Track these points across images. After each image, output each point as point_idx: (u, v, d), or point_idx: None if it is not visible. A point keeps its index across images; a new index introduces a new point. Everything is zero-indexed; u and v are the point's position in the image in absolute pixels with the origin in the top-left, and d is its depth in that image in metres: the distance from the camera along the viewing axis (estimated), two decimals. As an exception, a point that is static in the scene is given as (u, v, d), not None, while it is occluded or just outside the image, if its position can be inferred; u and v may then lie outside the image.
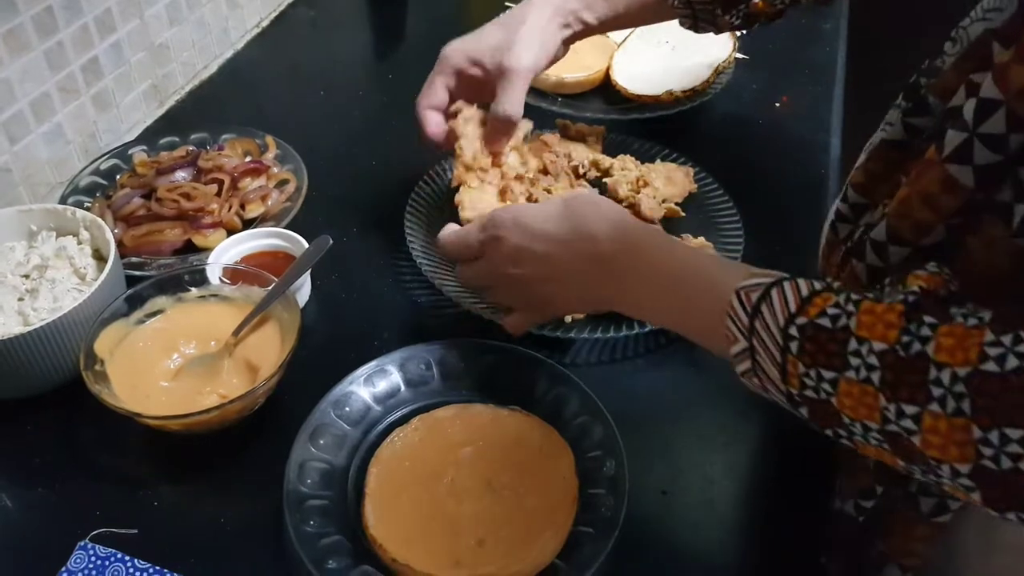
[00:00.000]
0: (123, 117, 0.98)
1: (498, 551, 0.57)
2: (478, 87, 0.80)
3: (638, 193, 0.85)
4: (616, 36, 1.11)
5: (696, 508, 0.63)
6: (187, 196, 0.85)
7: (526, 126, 0.84)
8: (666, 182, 0.87)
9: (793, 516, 0.63)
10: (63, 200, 0.86)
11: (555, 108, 1.02)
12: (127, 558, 0.59)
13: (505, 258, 0.66)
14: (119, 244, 0.79)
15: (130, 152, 0.92)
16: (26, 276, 0.72)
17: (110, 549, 0.59)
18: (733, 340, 0.51)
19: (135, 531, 0.61)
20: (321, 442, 0.64)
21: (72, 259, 0.73)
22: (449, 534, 0.58)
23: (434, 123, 0.81)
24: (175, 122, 1.02)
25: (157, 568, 0.58)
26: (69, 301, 0.69)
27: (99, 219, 0.75)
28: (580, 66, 1.06)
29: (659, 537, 0.62)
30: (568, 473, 0.61)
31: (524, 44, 0.77)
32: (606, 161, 0.90)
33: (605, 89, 1.07)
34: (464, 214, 0.78)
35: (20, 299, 0.70)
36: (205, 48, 1.10)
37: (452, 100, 0.82)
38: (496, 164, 0.82)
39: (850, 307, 0.45)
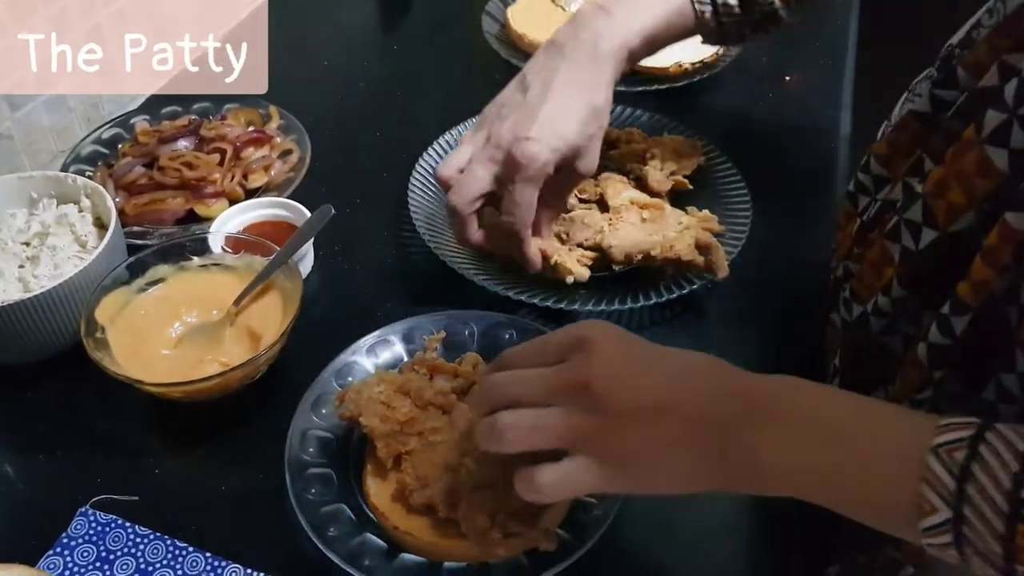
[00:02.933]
0: (125, 86, 0.97)
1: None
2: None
3: (645, 165, 0.84)
4: (625, 8, 1.10)
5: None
6: (189, 165, 0.85)
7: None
8: (674, 155, 0.85)
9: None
10: (65, 168, 0.85)
11: (562, 80, 1.00)
12: (128, 524, 0.58)
13: (598, 376, 0.46)
14: (121, 213, 0.79)
15: (132, 121, 0.91)
16: (27, 243, 0.72)
17: (111, 515, 0.59)
18: (930, 511, 0.40)
19: (136, 498, 0.60)
20: (323, 411, 0.63)
21: (73, 226, 0.73)
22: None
23: (475, 232, 0.72)
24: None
25: (158, 534, 0.58)
26: (70, 268, 0.68)
27: (100, 186, 0.74)
28: (588, 38, 1.05)
29: (663, 506, 0.61)
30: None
31: (596, 143, 0.71)
32: (612, 133, 0.89)
33: (613, 61, 1.05)
34: None
35: (21, 266, 0.70)
36: (209, 18, 1.09)
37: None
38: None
39: None
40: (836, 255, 0.64)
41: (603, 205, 0.81)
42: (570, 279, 0.73)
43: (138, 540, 0.58)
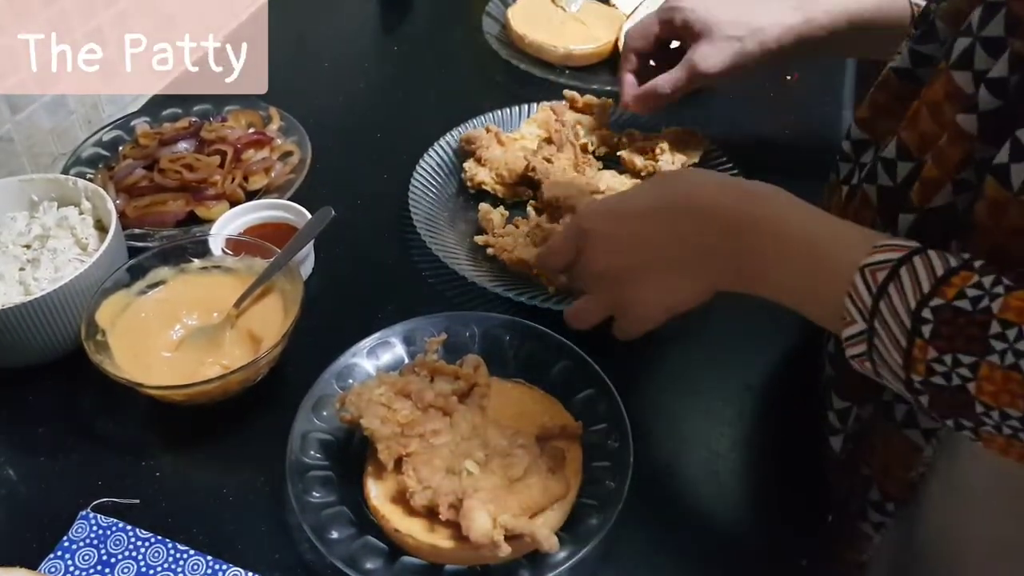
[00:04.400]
0: (126, 88, 0.97)
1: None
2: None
3: (656, 161, 0.84)
4: (625, 7, 1.10)
5: (701, 482, 0.63)
6: (190, 167, 0.85)
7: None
8: (679, 146, 0.85)
9: (796, 494, 0.63)
10: (65, 171, 0.85)
11: (563, 80, 1.00)
12: (129, 528, 0.58)
13: (597, 254, 0.59)
14: (121, 215, 0.79)
15: (133, 123, 0.91)
16: (27, 246, 0.72)
17: (112, 519, 0.59)
18: (849, 321, 0.46)
19: (137, 501, 0.60)
20: (324, 413, 0.63)
21: (74, 229, 0.73)
22: (452, 506, 0.57)
23: (629, 85, 0.83)
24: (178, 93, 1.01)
25: (159, 537, 0.58)
26: (70, 271, 0.68)
27: (100, 189, 0.74)
28: (589, 38, 1.05)
29: (663, 511, 0.61)
30: (572, 446, 0.61)
31: (723, 46, 0.77)
32: (614, 137, 0.89)
33: (613, 61, 1.05)
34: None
35: (21, 269, 0.70)
36: (210, 19, 1.09)
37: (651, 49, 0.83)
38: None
39: (998, 289, 0.42)
40: None
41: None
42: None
43: (139, 543, 0.58)
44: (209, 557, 0.57)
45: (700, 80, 0.79)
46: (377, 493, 0.58)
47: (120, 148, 0.89)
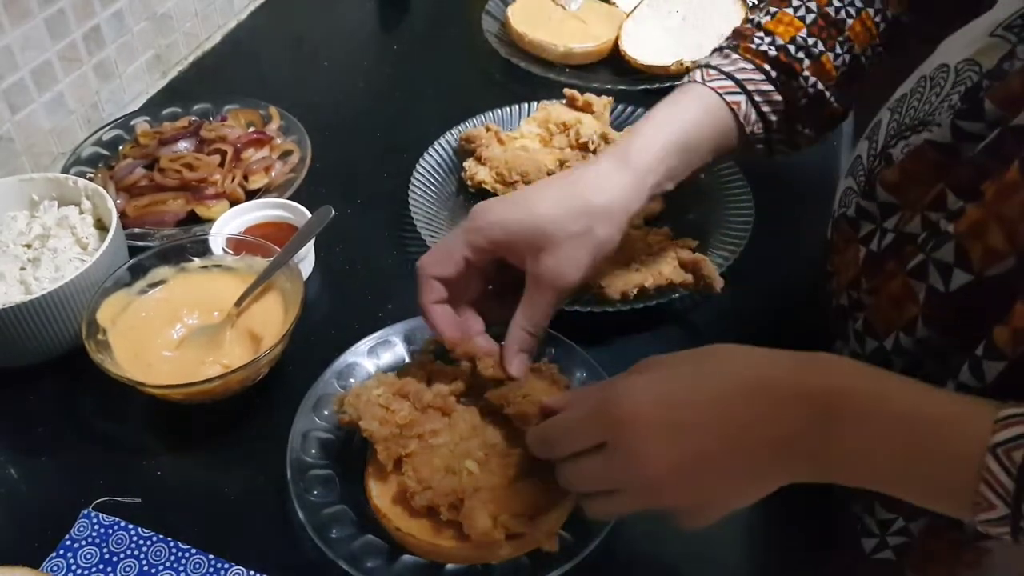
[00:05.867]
0: (126, 87, 0.97)
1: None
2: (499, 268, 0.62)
3: None
4: (625, 5, 1.10)
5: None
6: (190, 167, 0.85)
7: None
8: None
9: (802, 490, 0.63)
10: (65, 170, 0.85)
11: (563, 79, 1.00)
12: (130, 526, 0.59)
13: (651, 447, 0.47)
14: (122, 215, 0.79)
15: (132, 123, 0.91)
16: (28, 245, 0.72)
17: (113, 517, 0.59)
18: (987, 507, 0.41)
19: (138, 500, 0.61)
20: (325, 412, 0.63)
21: (74, 228, 0.73)
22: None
23: (445, 323, 0.61)
24: (178, 92, 1.01)
25: (160, 536, 0.58)
26: (71, 270, 0.68)
27: (100, 188, 0.74)
28: (588, 36, 1.05)
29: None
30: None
31: (573, 248, 0.58)
32: (615, 134, 0.89)
33: (614, 59, 1.05)
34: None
35: (22, 268, 0.70)
36: (208, 18, 1.09)
37: (464, 275, 0.61)
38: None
39: None
40: (836, 280, 0.60)
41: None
42: None
43: (141, 542, 0.58)
44: (211, 556, 0.57)
45: (563, 299, 0.60)
46: (378, 493, 0.58)
47: (120, 147, 0.89)
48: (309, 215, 0.76)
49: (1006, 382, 0.44)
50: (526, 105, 0.93)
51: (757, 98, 0.66)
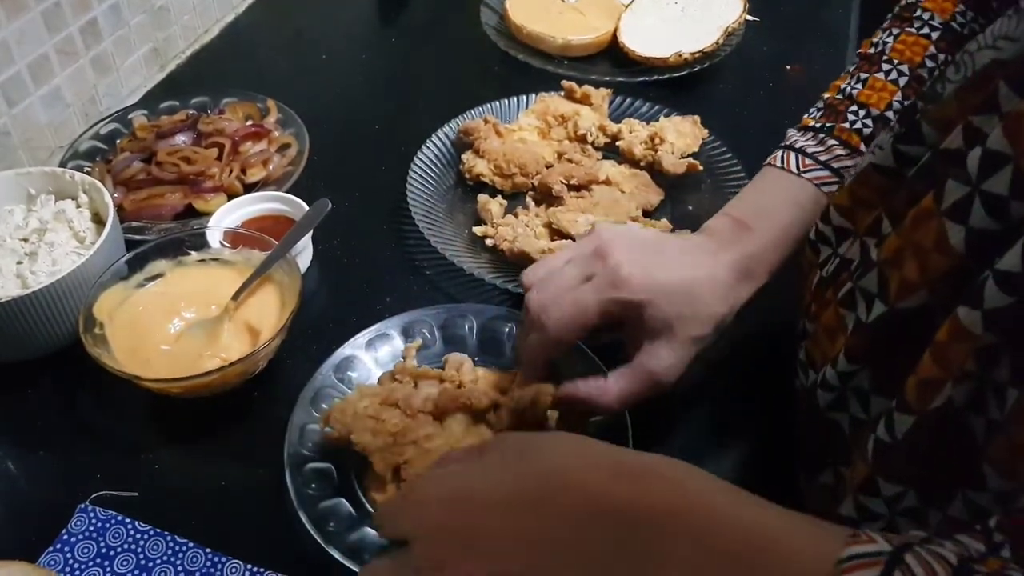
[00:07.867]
0: (123, 81, 0.97)
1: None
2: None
3: (656, 152, 0.83)
4: (624, -3, 1.09)
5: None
6: (187, 160, 0.84)
7: None
8: (677, 135, 0.85)
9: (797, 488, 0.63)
10: (63, 164, 0.85)
11: (561, 71, 1.00)
12: (128, 520, 0.58)
13: (429, 563, 0.39)
14: (119, 209, 0.79)
15: (130, 116, 0.91)
16: (25, 239, 0.72)
17: (110, 511, 0.59)
18: None
19: (135, 494, 0.60)
20: (323, 406, 0.63)
21: (71, 222, 0.72)
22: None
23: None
24: (175, 86, 1.01)
25: (157, 530, 0.58)
26: (68, 264, 0.68)
27: (98, 182, 0.74)
28: (587, 28, 1.05)
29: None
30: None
31: (677, 346, 0.57)
32: (613, 126, 0.89)
33: (612, 51, 1.05)
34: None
35: (19, 262, 0.70)
36: (206, 11, 1.08)
37: None
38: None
39: None
40: (800, 305, 0.59)
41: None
42: None
43: (138, 536, 0.58)
44: (208, 549, 0.57)
45: (654, 391, 0.59)
46: (376, 485, 0.58)
47: (117, 141, 0.89)
48: (307, 208, 0.76)
49: (914, 439, 0.41)
50: (524, 97, 0.93)
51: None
